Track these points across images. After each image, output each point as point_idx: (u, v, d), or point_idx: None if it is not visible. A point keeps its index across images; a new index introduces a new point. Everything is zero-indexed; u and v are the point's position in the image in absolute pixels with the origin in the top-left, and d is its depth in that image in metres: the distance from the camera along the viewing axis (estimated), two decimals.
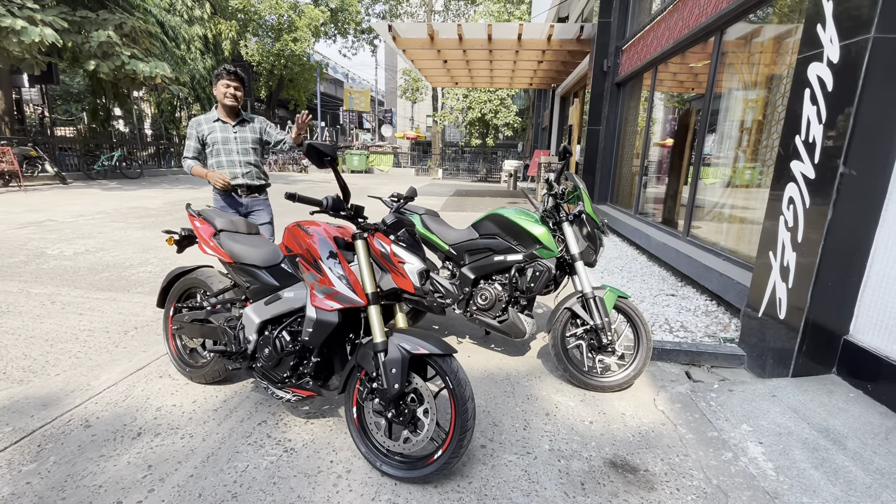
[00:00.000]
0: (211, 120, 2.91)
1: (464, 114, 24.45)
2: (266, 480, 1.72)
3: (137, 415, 2.09)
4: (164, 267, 4.54)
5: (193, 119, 2.94)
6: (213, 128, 2.89)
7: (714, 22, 4.32)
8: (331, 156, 1.58)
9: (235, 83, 2.83)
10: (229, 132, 2.91)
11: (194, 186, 12.74)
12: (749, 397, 2.32)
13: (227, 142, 2.91)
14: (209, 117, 2.92)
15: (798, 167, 2.44)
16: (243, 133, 2.95)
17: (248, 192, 3.02)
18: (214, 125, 2.90)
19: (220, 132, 2.90)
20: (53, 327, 3.00)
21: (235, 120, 2.94)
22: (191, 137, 2.93)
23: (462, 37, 9.24)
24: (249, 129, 2.99)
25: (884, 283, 2.19)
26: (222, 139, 2.90)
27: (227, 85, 2.82)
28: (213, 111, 2.95)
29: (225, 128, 2.91)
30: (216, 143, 2.90)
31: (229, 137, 2.91)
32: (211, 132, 2.89)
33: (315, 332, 1.75)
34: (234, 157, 2.93)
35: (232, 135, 2.92)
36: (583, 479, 1.80)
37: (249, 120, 3.01)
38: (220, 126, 2.90)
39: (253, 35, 21.44)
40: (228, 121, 2.92)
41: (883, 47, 2.04)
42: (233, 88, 2.83)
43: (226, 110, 2.91)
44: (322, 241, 1.80)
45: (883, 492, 1.67)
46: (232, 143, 2.92)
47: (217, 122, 2.90)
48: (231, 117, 2.94)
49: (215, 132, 2.89)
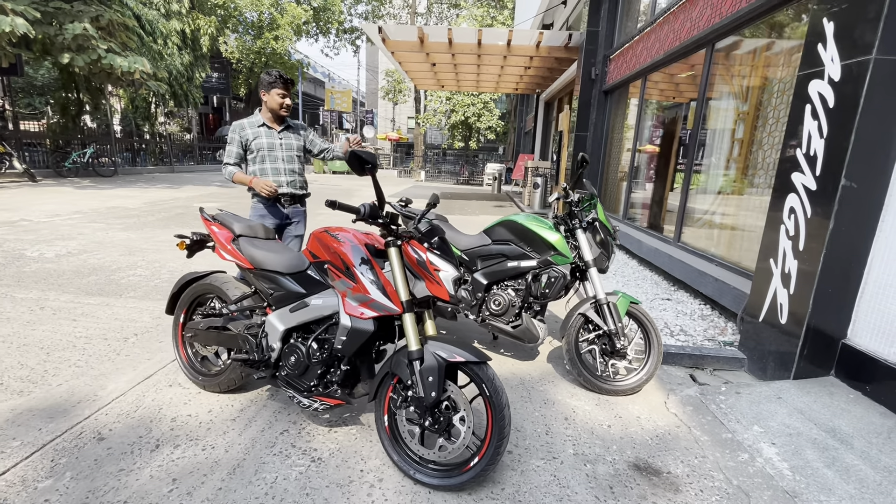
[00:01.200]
0: (255, 125, 2.77)
1: (447, 116, 24.50)
2: (298, 492, 1.69)
3: (152, 426, 2.02)
4: (153, 270, 4.39)
5: (236, 123, 2.78)
6: (258, 133, 2.76)
7: (706, 35, 4.48)
8: (372, 164, 1.58)
9: (289, 93, 2.74)
10: (275, 138, 2.79)
11: (173, 186, 12.36)
12: (756, 399, 2.42)
13: (272, 148, 2.78)
14: (253, 122, 2.78)
15: (799, 178, 2.56)
16: (289, 140, 2.84)
17: (292, 201, 2.92)
18: (259, 130, 2.76)
19: (265, 138, 2.76)
20: (47, 334, 2.86)
21: (281, 126, 2.83)
22: (233, 142, 2.77)
23: (452, 41, 9.27)
24: (295, 136, 2.89)
25: (881, 289, 2.32)
26: (268, 145, 2.77)
27: (282, 95, 2.70)
28: (257, 115, 2.80)
29: (270, 133, 2.78)
30: (261, 150, 2.76)
31: (275, 144, 2.79)
32: (256, 137, 2.75)
33: (349, 340, 1.73)
34: (279, 164, 2.81)
35: (278, 141, 2.80)
36: (611, 483, 1.84)
37: (295, 127, 2.91)
38: (266, 131, 2.77)
39: (232, 31, 20.97)
40: (274, 126, 2.80)
41: (884, 68, 2.17)
42: (288, 99, 2.73)
43: (274, 118, 2.80)
44: (354, 247, 1.79)
45: (894, 488, 1.76)
46: (278, 149, 2.80)
47: (262, 126, 2.77)
48: (277, 122, 2.82)
49: (260, 137, 2.76)
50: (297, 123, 2.94)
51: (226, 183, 14.21)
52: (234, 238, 2.14)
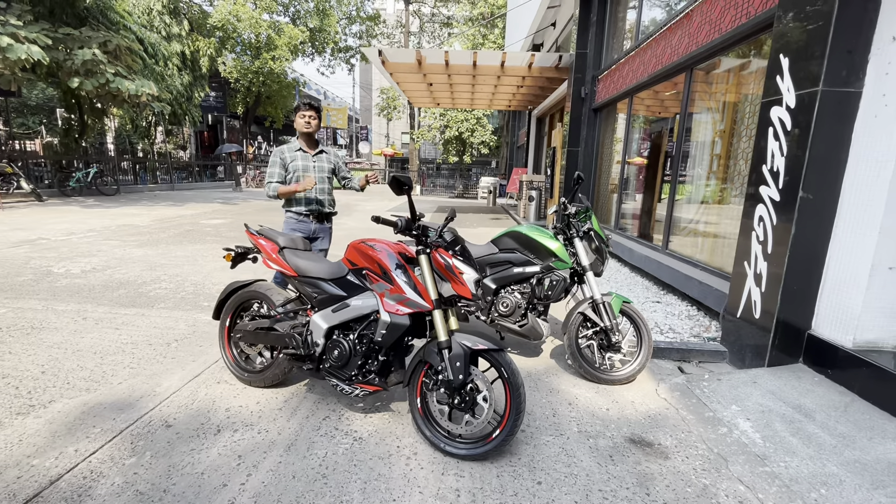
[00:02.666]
0: (293, 149, 3.21)
1: (441, 132, 25.07)
2: (347, 463, 1.99)
3: (210, 415, 2.31)
4: (177, 284, 4.68)
5: (277, 149, 3.21)
6: (294, 156, 3.19)
7: (685, 61, 4.93)
8: (409, 186, 1.92)
9: (310, 112, 3.14)
10: (309, 161, 3.20)
11: (176, 204, 12.63)
12: (734, 384, 2.76)
13: (307, 170, 3.19)
14: (292, 147, 3.22)
15: (766, 191, 2.94)
16: (321, 163, 3.25)
17: (320, 219, 3.29)
18: (296, 154, 3.19)
19: (301, 160, 3.18)
20: (96, 341, 3.14)
21: (315, 150, 3.25)
22: (275, 165, 3.18)
23: (448, 62, 9.75)
24: (326, 159, 3.29)
25: (838, 286, 2.69)
26: (303, 167, 3.18)
27: (302, 115, 3.14)
28: (295, 142, 3.24)
29: (305, 157, 3.20)
30: (297, 171, 3.18)
31: (309, 166, 3.20)
32: (293, 160, 3.18)
33: (388, 333, 2.05)
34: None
35: (312, 163, 3.20)
36: (610, 453, 2.16)
37: (328, 151, 3.33)
38: (302, 155, 3.19)
39: (230, 52, 21.46)
40: (309, 151, 3.23)
41: (829, 98, 2.57)
42: (308, 117, 3.13)
43: (305, 140, 3.21)
44: (390, 255, 2.12)
45: (845, 450, 2.10)
46: (311, 170, 3.20)
47: (299, 151, 3.20)
48: (311, 147, 3.24)
49: (297, 160, 3.18)
50: (330, 149, 3.36)
51: (228, 200, 14.50)
52: (279, 250, 2.46)
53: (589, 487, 1.90)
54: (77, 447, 2.00)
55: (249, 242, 2.71)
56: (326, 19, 22.82)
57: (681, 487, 1.93)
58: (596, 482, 1.94)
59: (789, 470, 2.01)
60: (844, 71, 2.55)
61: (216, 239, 7.40)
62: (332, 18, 23.12)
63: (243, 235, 7.77)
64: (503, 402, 2.03)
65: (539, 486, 1.90)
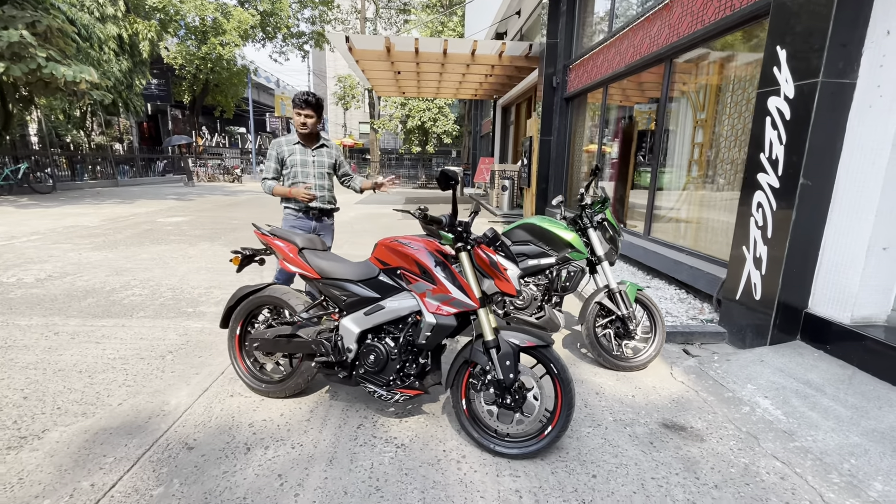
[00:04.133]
0: (291, 143, 3.02)
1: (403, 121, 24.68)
2: (397, 473, 1.90)
3: (234, 432, 2.14)
4: (152, 289, 4.32)
5: (274, 141, 3.04)
6: (293, 150, 3.00)
7: (665, 51, 5.06)
8: (456, 181, 1.83)
9: (306, 111, 2.90)
10: (308, 155, 3.03)
11: (124, 201, 11.69)
12: (744, 364, 2.89)
13: (305, 164, 3.02)
14: (290, 140, 3.03)
15: (764, 178, 3.08)
16: (321, 157, 3.07)
17: (320, 214, 3.12)
18: (294, 147, 3.00)
19: (299, 155, 3.00)
20: (78, 358, 2.83)
21: (315, 144, 3.06)
22: (271, 158, 3.02)
23: (419, 50, 9.55)
24: (326, 153, 3.11)
25: (834, 267, 2.87)
26: (301, 161, 3.01)
27: (297, 113, 2.92)
28: (293, 135, 3.05)
29: (304, 151, 3.02)
30: (295, 166, 3.00)
31: (308, 160, 3.02)
32: (291, 154, 3.00)
33: (434, 335, 1.96)
34: (310, 179, 3.03)
35: (310, 158, 3.03)
36: (650, 440, 2.20)
37: (329, 146, 3.14)
38: (300, 149, 3.01)
39: (173, 36, 19.96)
40: (308, 145, 3.04)
41: (828, 88, 2.70)
42: (303, 116, 2.91)
43: (302, 136, 3.01)
44: (429, 253, 2.02)
45: (861, 420, 2.25)
46: (310, 165, 3.03)
47: (297, 144, 3.01)
48: (310, 142, 3.05)
49: (295, 154, 3.00)
50: (331, 142, 3.16)
51: (182, 196, 13.60)
52: (298, 251, 2.30)
53: (641, 476, 1.93)
54: (92, 481, 1.78)
55: (259, 243, 2.51)
56: (278, 3, 21.69)
57: (724, 468, 2.00)
58: (646, 470, 1.97)
59: (817, 443, 2.13)
60: (841, 63, 2.69)
61: (181, 238, 6.91)
62: (283, 2, 22.01)
63: (211, 234, 7.31)
64: (551, 398, 2.01)
65: (595, 479, 1.90)
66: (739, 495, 1.83)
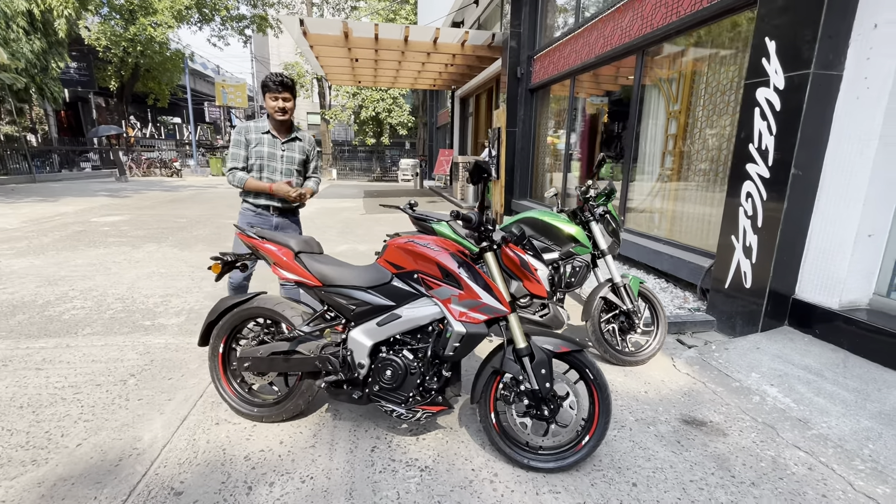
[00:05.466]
0: (261, 130, 2.66)
1: (356, 112, 23.88)
2: (428, 501, 1.70)
3: (228, 469, 1.84)
4: (97, 301, 3.78)
5: (241, 124, 2.67)
6: (261, 139, 2.65)
7: (637, 43, 5.09)
8: (489, 174, 1.64)
9: (284, 94, 2.56)
10: (277, 148, 2.68)
11: (46, 199, 10.42)
12: (742, 352, 2.94)
13: (272, 158, 2.68)
14: (259, 126, 2.66)
15: (753, 168, 3.12)
16: (291, 152, 2.73)
17: (281, 212, 2.77)
18: (263, 137, 2.66)
19: (267, 146, 2.66)
20: (14, 390, 2.37)
21: (287, 136, 2.72)
22: (238, 145, 2.64)
23: (378, 37, 9.14)
24: (299, 148, 2.77)
25: (821, 254, 2.96)
26: (268, 154, 2.66)
27: (274, 98, 2.56)
28: (264, 121, 2.68)
29: (274, 143, 2.67)
30: (261, 158, 2.66)
31: (276, 154, 2.68)
32: (258, 143, 2.65)
33: (464, 345, 1.77)
34: (276, 175, 2.70)
35: (279, 151, 2.69)
36: (676, 438, 2.14)
37: (302, 138, 2.79)
38: (269, 140, 2.66)
39: (94, 14, 17.96)
40: (279, 136, 2.69)
41: (818, 80, 2.75)
42: (281, 101, 2.57)
43: (275, 125, 2.67)
44: (452, 255, 1.82)
45: (865, 403, 2.32)
46: (278, 160, 2.69)
47: (267, 134, 2.66)
48: (282, 132, 2.70)
49: (263, 145, 2.65)
50: (304, 135, 2.83)
51: (114, 192, 12.34)
52: (295, 255, 2.01)
53: (681, 480, 1.85)
54: None
55: (242, 248, 2.20)
56: None
57: (755, 464, 1.97)
58: (683, 472, 1.90)
59: (832, 430, 2.16)
60: (830, 55, 2.75)
61: (121, 240, 6.19)
62: None
63: (156, 234, 6.62)
64: (586, 406, 1.89)
65: (636, 488, 1.80)
66: (778, 491, 1.80)
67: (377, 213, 9.62)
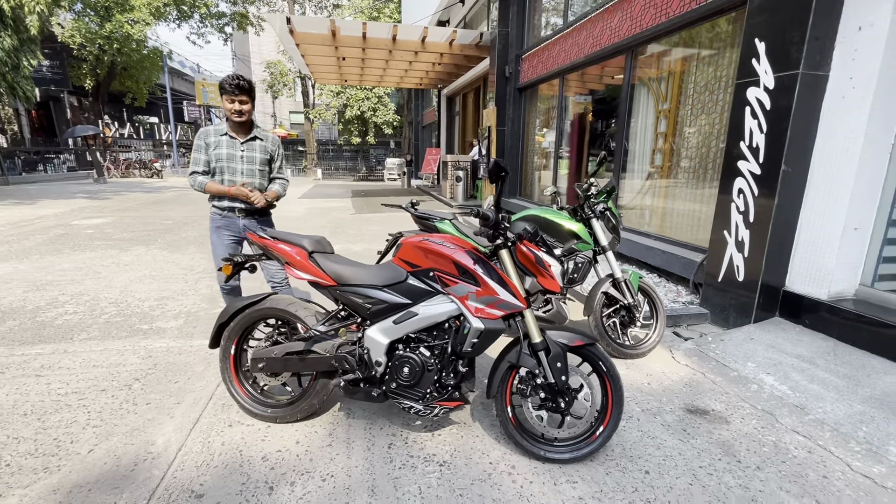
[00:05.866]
0: (219, 133, 2.63)
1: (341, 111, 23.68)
2: (450, 494, 1.73)
3: (247, 470, 1.84)
4: (90, 305, 3.70)
5: (201, 130, 2.66)
6: (219, 142, 2.62)
7: (627, 43, 5.19)
8: (506, 172, 1.68)
9: (241, 97, 2.52)
10: (236, 149, 2.64)
11: (23, 202, 10.10)
12: (737, 343, 3.04)
13: (231, 159, 2.63)
14: (218, 129, 2.65)
15: (745, 165, 3.23)
16: (251, 152, 2.68)
17: (247, 214, 2.71)
18: (221, 139, 2.62)
19: (226, 148, 2.62)
20: (16, 398, 2.31)
21: (246, 136, 2.67)
22: (199, 150, 2.63)
23: (366, 35, 9.10)
24: (260, 147, 2.70)
25: (810, 247, 3.09)
26: (227, 156, 2.62)
27: (230, 100, 2.53)
28: (223, 124, 2.67)
29: (232, 144, 2.63)
30: (220, 160, 2.62)
31: (235, 155, 2.64)
32: (217, 146, 2.62)
33: (482, 341, 1.80)
34: (237, 177, 2.65)
35: (238, 152, 2.65)
36: (682, 427, 2.21)
37: (263, 138, 2.73)
38: (228, 141, 2.63)
39: (68, 10, 17.39)
40: (237, 137, 2.65)
41: (806, 80, 2.87)
42: (238, 103, 2.53)
43: (233, 126, 2.64)
44: (467, 252, 1.85)
45: (857, 388, 2.44)
46: (237, 161, 2.65)
47: (225, 136, 2.63)
48: (241, 133, 2.66)
49: (221, 147, 2.62)
50: (266, 135, 2.75)
51: (94, 194, 12.01)
52: (309, 255, 2.01)
53: (690, 466, 1.92)
54: None
55: (253, 249, 2.19)
56: None
57: (758, 448, 2.06)
58: (691, 459, 1.97)
59: (828, 414, 2.27)
60: (818, 56, 2.86)
61: (108, 244, 6.05)
62: None
63: (144, 237, 6.49)
64: (599, 397, 1.94)
65: (649, 475, 1.87)
66: (782, 474, 1.89)
67: (367, 212, 9.58)
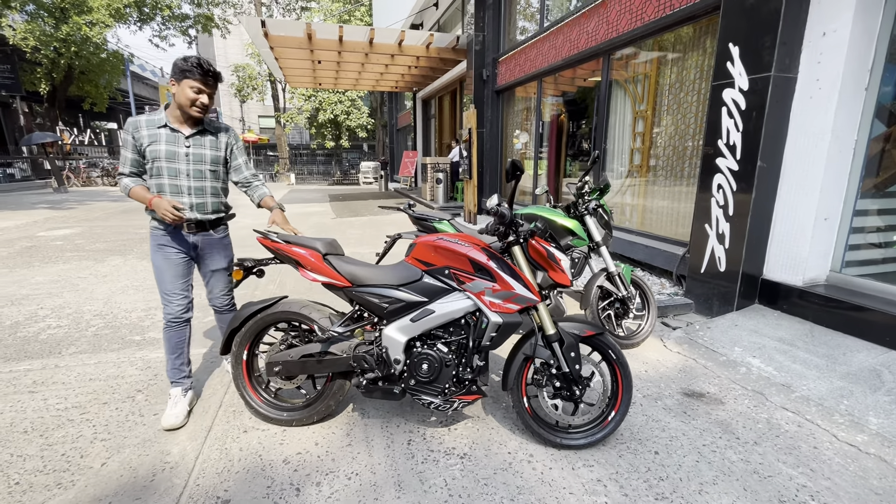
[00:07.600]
0: (155, 125, 2.05)
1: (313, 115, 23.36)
2: (475, 485, 1.78)
3: (271, 473, 1.84)
4: (73, 318, 3.57)
5: (131, 120, 2.05)
6: (156, 136, 2.04)
7: (603, 47, 5.39)
8: (522, 171, 1.75)
9: (210, 89, 2.05)
10: (179, 145, 2.08)
11: None
12: (723, 329, 3.22)
13: (173, 158, 2.07)
14: (153, 120, 2.06)
15: (723, 162, 3.43)
16: (199, 149, 2.12)
17: (198, 228, 2.20)
18: (159, 132, 2.05)
19: (165, 143, 2.05)
20: (14, 415, 2.22)
21: (193, 129, 2.12)
22: (126, 146, 2.06)
23: (343, 39, 9.06)
24: (210, 143, 2.16)
25: (783, 238, 3.30)
26: (167, 154, 2.06)
27: (197, 89, 2.01)
28: (161, 112, 2.09)
29: (174, 138, 2.07)
30: (158, 159, 2.05)
31: (178, 152, 2.08)
32: (152, 142, 2.04)
33: (500, 335, 1.87)
34: (181, 180, 2.10)
35: (182, 149, 2.09)
36: (682, 409, 2.34)
37: (213, 131, 2.18)
38: (168, 135, 2.06)
39: (18, 11, 16.52)
40: (181, 129, 2.09)
41: (779, 82, 3.08)
42: (205, 95, 2.04)
43: (181, 117, 2.08)
44: (482, 250, 1.92)
45: (835, 366, 2.64)
46: (181, 160, 2.09)
47: (164, 128, 2.06)
48: (188, 125, 2.11)
49: (159, 143, 2.04)
50: (219, 125, 2.23)
51: (56, 204, 11.44)
52: (323, 257, 2.03)
53: (695, 445, 2.05)
54: None
55: (263, 252, 2.18)
56: None
57: (753, 426, 2.20)
58: (695, 438, 2.09)
59: (812, 391, 2.44)
60: (787, 59, 3.08)
61: (80, 255, 5.80)
62: None
63: (118, 247, 6.26)
64: (609, 384, 2.04)
65: (658, 455, 1.97)
66: (777, 448, 2.03)
67: (348, 216, 9.52)
